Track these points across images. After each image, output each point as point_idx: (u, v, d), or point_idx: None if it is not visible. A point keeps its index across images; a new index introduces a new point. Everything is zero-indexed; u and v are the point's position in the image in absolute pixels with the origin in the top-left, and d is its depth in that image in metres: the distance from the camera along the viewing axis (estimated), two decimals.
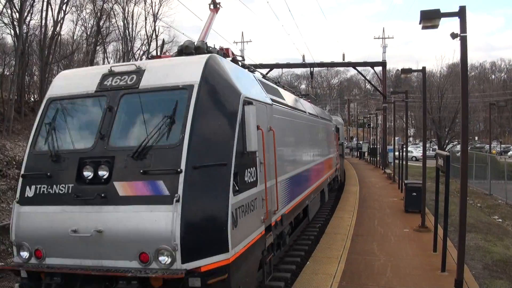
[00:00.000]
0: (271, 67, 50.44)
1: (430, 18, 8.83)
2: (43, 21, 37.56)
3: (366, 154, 58.98)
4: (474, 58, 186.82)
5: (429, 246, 12.06)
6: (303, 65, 49.54)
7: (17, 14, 35.54)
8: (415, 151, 64.51)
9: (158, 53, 61.49)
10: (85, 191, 6.10)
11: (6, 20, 37.48)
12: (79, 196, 6.08)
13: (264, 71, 50.48)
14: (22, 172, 6.71)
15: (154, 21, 57.31)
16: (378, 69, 53.23)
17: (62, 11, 37.73)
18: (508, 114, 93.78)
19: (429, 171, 18.92)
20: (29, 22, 38.84)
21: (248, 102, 7.12)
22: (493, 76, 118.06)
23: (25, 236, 6.29)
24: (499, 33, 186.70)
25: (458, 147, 38.01)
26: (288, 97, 12.56)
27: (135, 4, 63.70)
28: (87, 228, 5.89)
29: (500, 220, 19.67)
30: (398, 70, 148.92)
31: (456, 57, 67.54)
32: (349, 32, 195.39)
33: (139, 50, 59.63)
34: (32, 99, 46.11)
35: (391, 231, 14.40)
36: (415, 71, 17.39)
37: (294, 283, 9.67)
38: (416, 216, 16.37)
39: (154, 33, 59.01)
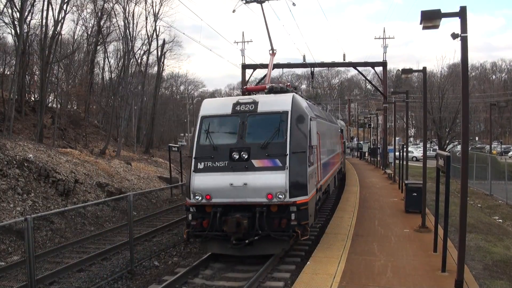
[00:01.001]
0: (272, 67, 50.39)
1: (431, 19, 8.83)
2: (44, 21, 37.54)
3: (366, 155, 58.97)
4: (475, 58, 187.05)
5: (429, 247, 12.06)
6: (303, 65, 49.47)
7: (17, 13, 35.54)
8: (416, 151, 64.49)
9: (159, 53, 60.69)
10: (235, 165, 11.68)
11: (6, 20, 37.52)
12: (232, 167, 11.65)
13: (265, 71, 50.51)
14: (193, 155, 12.15)
15: (155, 20, 57.27)
16: (379, 69, 53.07)
17: (63, 10, 37.70)
18: (508, 115, 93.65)
19: (429, 172, 18.90)
20: (29, 21, 38.88)
21: (311, 118, 12.65)
22: (493, 77, 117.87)
23: (199, 188, 11.79)
24: (500, 33, 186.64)
25: (459, 148, 37.98)
26: (320, 112, 18.76)
27: (135, 4, 63.67)
28: (238, 182, 11.45)
29: (501, 220, 19.67)
30: (398, 70, 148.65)
31: (457, 57, 67.54)
32: (349, 32, 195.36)
33: (139, 50, 59.68)
34: (33, 99, 46.12)
35: (392, 232, 14.40)
36: (415, 71, 17.38)
37: (294, 283, 9.68)
38: (416, 216, 16.37)
39: (154, 33, 58.99)
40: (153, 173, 33.92)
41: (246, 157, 11.80)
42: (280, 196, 11.48)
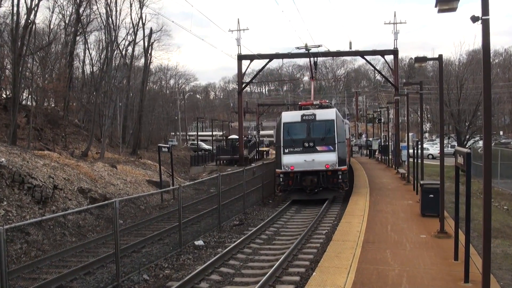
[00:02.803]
0: (270, 57, 50.37)
1: (447, 0, 8.78)
2: (15, 8, 37.29)
3: (376, 153, 58.96)
4: (498, 43, 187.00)
5: (449, 254, 12.03)
6: (305, 54, 49.41)
7: None
8: (432, 148, 64.46)
9: (146, 44, 60.77)
10: (307, 150, 25.23)
11: None
12: (305, 151, 25.23)
13: (263, 62, 50.59)
14: (282, 145, 25.35)
15: (140, 7, 57.29)
16: (389, 58, 53.08)
17: None
18: None
19: (447, 170, 18.87)
20: None
21: (345, 123, 32.36)
22: None
23: (287, 163, 25.24)
24: None
25: (480, 143, 37.93)
26: (341, 115, 32.25)
27: None
28: (309, 159, 25.10)
29: None
30: (411, 58, 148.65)
31: (477, 43, 67.43)
32: (356, 17, 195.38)
33: (124, 40, 59.72)
34: (4, 96, 45.94)
35: (406, 238, 14.38)
36: (430, 59, 17.33)
37: None
38: (434, 220, 16.36)
39: (140, 21, 59.02)
40: (141, 177, 33.91)
41: (312, 145, 25.32)
42: (333, 165, 25.06)
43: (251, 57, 49.99)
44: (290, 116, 26.94)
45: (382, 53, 48.22)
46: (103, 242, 17.94)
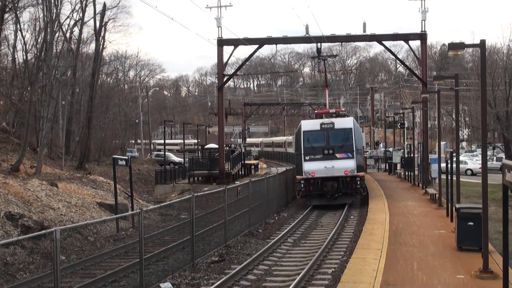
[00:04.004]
0: (261, 42, 50.48)
1: None
2: None
3: (398, 167, 59.10)
4: None
5: None
6: (306, 39, 49.61)
7: None
8: (471, 161, 64.83)
9: (98, 24, 60.77)
10: (327, 157, 35.13)
11: None
12: (325, 158, 35.15)
13: (251, 49, 50.68)
14: (303, 152, 35.54)
15: None
16: (415, 44, 53.52)
17: None
18: None
19: (492, 191, 18.94)
20: None
21: (360, 132, 42.07)
22: None
23: (307, 170, 35.21)
24: None
25: None
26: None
27: None
28: (329, 165, 34.91)
29: None
30: (444, 45, 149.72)
31: None
32: None
33: (68, 19, 59.51)
34: None
35: (439, 279, 14.38)
36: (469, 46, 17.42)
37: None
38: (474, 255, 16.38)
39: None
40: (90, 198, 33.74)
41: (332, 152, 34.57)
42: (351, 172, 34.28)
43: (236, 42, 50.04)
44: (309, 124, 37.36)
45: (406, 37, 48.52)
46: (39, 285, 17.76)
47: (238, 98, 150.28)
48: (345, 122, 36.43)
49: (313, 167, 34.67)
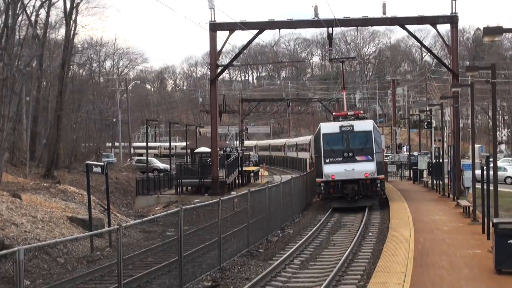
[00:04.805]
0: (261, 27, 50.44)
1: None
2: None
3: (425, 174, 59.02)
4: None
5: None
6: (315, 23, 49.60)
7: None
8: (511, 167, 64.76)
9: (68, 5, 61.30)
10: (347, 159, 42.29)
11: None
12: (345, 161, 42.23)
13: (250, 34, 50.74)
14: (322, 154, 42.58)
15: None
16: (444, 28, 53.65)
17: None
18: None
19: None
20: None
21: (380, 134, 49.15)
22: None
23: (327, 173, 41.96)
24: None
25: None
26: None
27: None
28: (349, 168, 41.80)
29: None
30: (478, 29, 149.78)
31: None
32: None
33: (34, 0, 59.47)
34: None
35: None
36: (508, 30, 17.45)
37: None
38: None
39: None
40: (59, 212, 33.73)
41: (352, 155, 41.59)
42: (372, 174, 40.96)
43: (231, 27, 50.07)
44: (328, 127, 45.06)
45: (433, 20, 48.53)
46: None
47: (235, 93, 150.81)
48: (364, 125, 44.18)
49: (333, 170, 41.40)
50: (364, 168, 41.12)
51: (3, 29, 49.92)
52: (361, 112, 54.75)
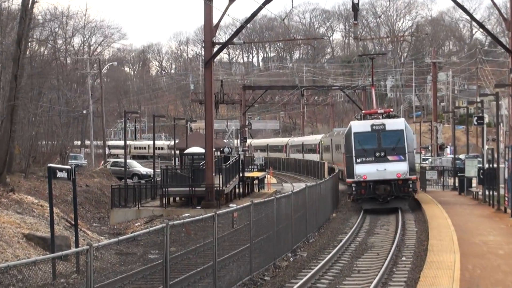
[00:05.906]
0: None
1: None
2: None
3: (474, 183, 58.97)
4: None
5: None
6: None
7: None
8: None
9: None
10: (378, 159, 53.70)
11: None
12: (377, 161, 53.61)
13: (255, 4, 50.83)
14: (354, 154, 53.72)
15: None
16: None
17: None
18: None
19: None
20: None
21: (413, 133, 63.54)
22: None
23: (359, 173, 52.79)
24: None
25: None
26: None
27: None
28: (381, 168, 52.96)
29: None
30: None
31: None
32: None
33: None
34: None
35: None
36: None
37: None
38: None
39: None
40: (13, 228, 33.84)
41: (384, 154, 52.26)
42: (404, 174, 51.48)
43: None
44: (359, 125, 53.67)
45: None
46: None
47: (235, 78, 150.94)
48: (396, 124, 53.99)
49: (364, 170, 50.57)
50: (396, 168, 50.19)
51: None
52: (391, 109, 66.72)
